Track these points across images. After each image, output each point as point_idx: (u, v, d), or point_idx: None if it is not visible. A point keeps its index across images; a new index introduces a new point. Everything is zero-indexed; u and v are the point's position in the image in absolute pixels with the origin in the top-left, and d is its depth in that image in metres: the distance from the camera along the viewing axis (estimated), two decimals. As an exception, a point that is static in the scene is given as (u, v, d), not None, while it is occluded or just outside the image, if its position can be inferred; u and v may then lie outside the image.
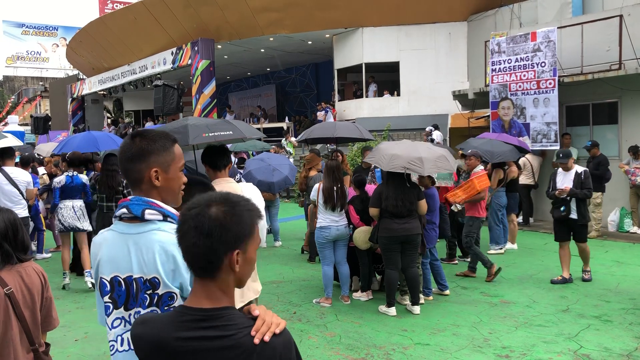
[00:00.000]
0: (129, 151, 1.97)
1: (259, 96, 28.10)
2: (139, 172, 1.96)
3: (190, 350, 1.43)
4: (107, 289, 1.93)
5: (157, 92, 17.56)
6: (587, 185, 7.00)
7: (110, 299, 1.93)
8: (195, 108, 19.10)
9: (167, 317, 1.51)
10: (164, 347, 1.45)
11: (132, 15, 21.05)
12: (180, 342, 1.44)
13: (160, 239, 1.87)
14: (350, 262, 6.75)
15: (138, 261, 1.88)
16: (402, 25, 17.68)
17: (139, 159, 1.95)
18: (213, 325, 1.44)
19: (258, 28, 18.56)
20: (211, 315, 1.45)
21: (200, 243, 1.43)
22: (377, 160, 6.16)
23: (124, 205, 1.93)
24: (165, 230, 1.90)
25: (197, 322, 1.45)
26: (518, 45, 11.57)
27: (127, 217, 1.91)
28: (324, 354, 5.06)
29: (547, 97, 11.12)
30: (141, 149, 1.96)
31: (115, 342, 1.95)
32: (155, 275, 1.86)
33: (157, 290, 1.87)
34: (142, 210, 1.90)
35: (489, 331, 5.54)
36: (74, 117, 28.43)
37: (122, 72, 23.91)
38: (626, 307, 6.15)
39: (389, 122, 15.96)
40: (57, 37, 48.11)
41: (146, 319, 1.56)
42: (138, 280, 1.88)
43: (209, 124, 4.20)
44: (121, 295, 1.91)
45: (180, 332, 1.45)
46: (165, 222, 1.92)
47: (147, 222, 1.91)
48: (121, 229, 1.93)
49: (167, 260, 1.85)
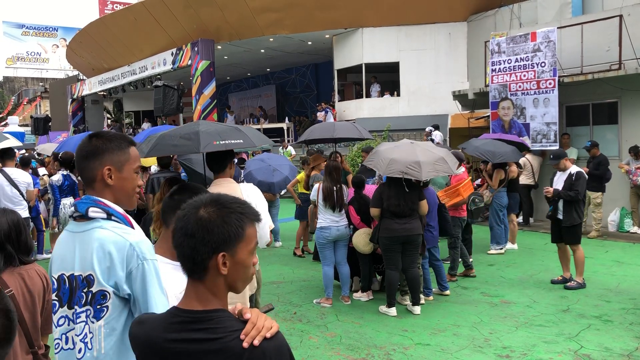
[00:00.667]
0: (84, 149, 2.02)
1: (259, 97, 28.10)
2: (92, 170, 1.99)
3: (178, 352, 1.42)
4: (54, 287, 1.97)
5: (157, 92, 17.57)
6: (576, 187, 6.86)
7: (56, 297, 1.95)
8: (195, 109, 19.10)
9: (160, 318, 1.51)
10: (154, 347, 1.46)
11: (132, 16, 21.06)
12: (169, 344, 1.43)
13: (99, 237, 1.88)
14: (351, 262, 6.75)
15: (79, 258, 1.91)
16: (402, 26, 17.68)
17: (93, 157, 1.99)
18: (202, 327, 1.42)
19: (258, 28, 18.57)
20: (200, 318, 1.44)
21: (185, 244, 1.44)
22: (375, 164, 6.15)
23: (73, 204, 1.99)
24: (106, 228, 1.90)
25: (186, 324, 1.44)
26: (518, 45, 11.57)
27: (77, 215, 1.94)
28: (324, 354, 5.06)
29: (547, 97, 11.13)
30: (96, 147, 2.00)
31: (60, 340, 1.95)
32: (91, 272, 1.88)
33: (91, 288, 1.87)
34: (87, 208, 1.92)
35: (489, 331, 5.54)
36: (74, 118, 28.43)
37: (122, 73, 23.91)
38: (626, 307, 6.15)
39: (389, 122, 15.96)
40: (57, 38, 48.12)
41: (143, 319, 1.56)
42: (77, 278, 1.91)
43: (220, 131, 4.17)
44: (65, 293, 1.93)
45: (169, 333, 1.44)
46: (109, 220, 1.93)
47: (91, 220, 1.93)
48: (72, 228, 1.97)
49: (104, 258, 1.86)
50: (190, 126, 4.38)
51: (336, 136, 8.44)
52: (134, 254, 1.86)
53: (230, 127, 4.44)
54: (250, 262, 1.52)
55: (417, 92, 17.61)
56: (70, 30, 39.87)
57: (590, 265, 7.69)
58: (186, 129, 4.29)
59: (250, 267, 1.53)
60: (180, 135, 4.11)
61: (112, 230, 1.90)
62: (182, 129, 4.34)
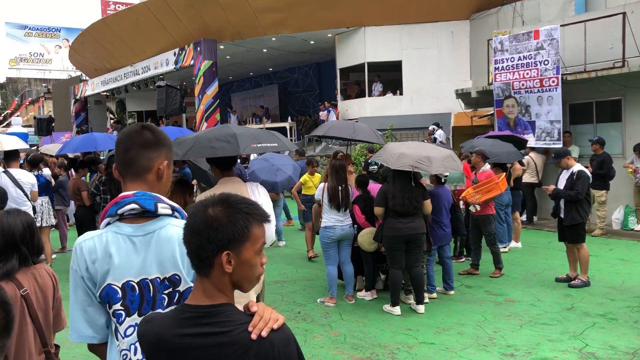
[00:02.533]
0: (141, 137, 1.90)
1: (262, 96, 28.11)
2: (150, 161, 1.90)
3: (188, 347, 1.45)
4: (118, 296, 1.82)
5: (160, 92, 17.58)
6: (577, 186, 6.81)
7: (122, 305, 1.82)
8: (198, 109, 19.12)
9: (169, 315, 1.53)
10: (163, 343, 1.47)
11: (135, 16, 21.09)
12: (179, 339, 1.46)
13: (176, 235, 1.82)
14: (355, 261, 6.75)
15: (155, 261, 1.81)
16: (405, 25, 17.66)
17: (153, 147, 1.90)
18: (210, 322, 1.45)
19: (260, 28, 18.57)
20: (209, 312, 1.47)
21: (192, 241, 1.48)
22: (384, 159, 6.17)
23: (129, 200, 1.81)
24: (177, 225, 1.84)
25: (195, 319, 1.46)
26: (521, 43, 11.55)
27: (134, 214, 1.82)
28: (328, 353, 5.07)
29: (551, 95, 11.10)
30: (157, 137, 1.92)
31: (128, 351, 1.84)
32: (176, 272, 1.82)
33: (178, 288, 1.83)
34: (155, 204, 1.83)
35: (493, 330, 5.54)
36: (77, 118, 28.49)
37: (124, 73, 23.95)
38: (631, 305, 6.14)
39: (392, 121, 15.95)
40: (60, 39, 48.17)
41: (151, 317, 1.58)
42: (154, 281, 1.82)
43: (255, 135, 4.21)
44: (134, 300, 1.82)
45: (178, 329, 1.47)
46: (172, 217, 1.88)
47: (157, 218, 1.84)
48: (129, 231, 1.83)
49: (184, 255, 1.78)
50: (222, 129, 4.31)
51: (356, 137, 8.29)
52: None
53: (262, 131, 4.50)
54: (257, 262, 1.53)
55: (420, 91, 17.59)
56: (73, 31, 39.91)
57: (595, 263, 7.68)
58: (219, 131, 4.21)
59: (257, 267, 1.54)
60: (216, 137, 4.01)
61: (179, 227, 1.83)
62: (215, 132, 4.24)
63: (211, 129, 4.72)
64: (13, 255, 2.64)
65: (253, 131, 4.34)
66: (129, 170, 1.90)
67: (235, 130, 4.14)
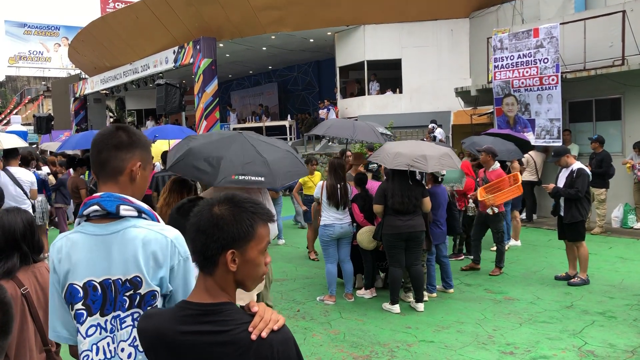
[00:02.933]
0: (115, 139, 1.89)
1: (261, 94, 28.10)
2: (123, 162, 1.88)
3: (188, 344, 1.46)
4: (79, 295, 1.80)
5: (160, 91, 17.59)
6: (576, 184, 6.81)
7: (83, 305, 1.81)
8: (198, 107, 19.11)
9: (169, 312, 1.54)
10: (164, 339, 1.48)
11: (134, 14, 21.07)
12: (180, 336, 1.47)
13: (138, 236, 1.81)
14: (354, 259, 6.76)
15: (118, 261, 1.79)
16: (404, 23, 17.65)
17: (126, 148, 1.89)
18: (211, 320, 1.46)
19: (260, 26, 18.56)
20: (210, 310, 1.47)
21: (197, 239, 1.49)
22: (381, 158, 6.18)
23: (93, 202, 1.81)
24: (141, 227, 1.83)
25: (197, 317, 1.47)
26: (520, 41, 11.54)
27: (98, 215, 1.81)
28: (328, 351, 5.07)
29: (550, 93, 11.10)
30: (131, 139, 1.91)
31: (89, 351, 1.82)
32: (137, 274, 1.80)
33: (139, 290, 1.81)
34: (117, 206, 1.81)
35: (493, 328, 5.54)
36: (77, 117, 28.46)
37: (124, 72, 23.93)
38: (630, 303, 6.15)
39: (392, 119, 15.95)
40: (59, 37, 48.11)
41: (151, 313, 1.59)
42: (116, 282, 1.80)
43: (246, 162, 3.79)
44: (96, 300, 1.80)
45: (180, 325, 1.48)
46: (139, 218, 1.86)
47: (120, 219, 1.83)
48: (92, 230, 1.83)
49: (148, 257, 1.80)
50: (223, 143, 3.96)
51: (356, 138, 8.24)
52: (176, 251, 1.83)
53: (258, 157, 3.91)
54: (261, 261, 1.55)
55: (420, 89, 17.59)
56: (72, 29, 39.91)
57: (594, 261, 7.68)
58: (213, 148, 3.88)
59: (261, 266, 1.55)
60: (206, 157, 3.81)
61: (149, 228, 1.84)
62: (210, 147, 3.92)
63: (217, 137, 4.26)
64: (14, 254, 2.64)
65: (249, 154, 3.91)
66: (102, 171, 1.90)
67: (225, 153, 3.82)
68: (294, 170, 4.01)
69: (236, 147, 3.93)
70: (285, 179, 3.97)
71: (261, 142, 4.12)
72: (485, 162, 7.80)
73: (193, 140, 4.14)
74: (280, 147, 4.19)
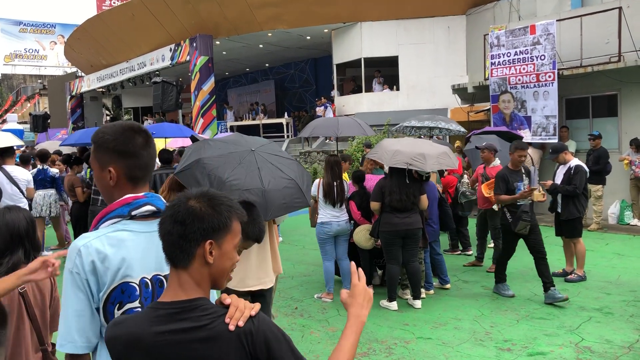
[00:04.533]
0: (150, 139, 1.94)
1: (258, 92, 28.04)
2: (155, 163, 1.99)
3: (166, 344, 1.44)
4: (137, 293, 1.80)
5: (156, 88, 17.53)
6: (574, 181, 6.82)
7: (139, 303, 1.80)
8: (194, 104, 19.08)
9: (142, 315, 1.52)
10: (139, 343, 1.45)
11: (130, 12, 20.99)
12: (156, 337, 1.45)
13: None
14: (351, 257, 6.76)
15: (159, 258, 1.79)
16: (401, 20, 17.63)
17: (155, 150, 1.99)
18: (188, 317, 1.45)
19: (256, 23, 18.51)
20: (185, 307, 1.47)
21: (174, 231, 1.48)
22: (379, 156, 6.18)
23: (143, 202, 1.83)
24: None
25: (172, 316, 1.46)
26: (517, 38, 11.55)
27: (147, 214, 1.83)
28: (326, 349, 5.07)
29: (547, 90, 11.11)
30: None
31: None
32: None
33: None
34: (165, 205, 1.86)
35: (490, 324, 5.55)
36: (73, 115, 28.38)
37: (120, 69, 23.86)
38: (627, 299, 6.17)
39: (389, 116, 15.94)
40: (55, 35, 47.98)
41: (120, 319, 1.56)
42: (167, 277, 1.81)
43: (244, 189, 3.74)
44: (148, 297, 1.82)
45: (155, 326, 1.45)
46: None
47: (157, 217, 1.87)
48: (140, 227, 1.83)
49: None
50: (231, 160, 3.87)
51: (340, 134, 8.32)
52: None
53: (260, 187, 3.83)
54: (235, 257, 1.56)
55: (417, 86, 17.57)
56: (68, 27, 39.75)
57: (591, 257, 7.70)
58: (222, 165, 3.80)
59: (234, 262, 1.56)
60: (209, 172, 3.75)
61: None
62: (221, 162, 3.84)
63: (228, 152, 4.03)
64: (19, 250, 2.64)
65: (250, 181, 3.83)
66: (147, 173, 1.92)
67: (228, 175, 3.76)
68: (291, 203, 3.92)
69: (241, 170, 3.86)
70: (278, 211, 3.87)
71: (269, 165, 4.01)
72: (486, 158, 7.83)
73: (207, 148, 4.04)
74: (287, 174, 4.04)
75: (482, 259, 7.91)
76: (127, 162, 1.86)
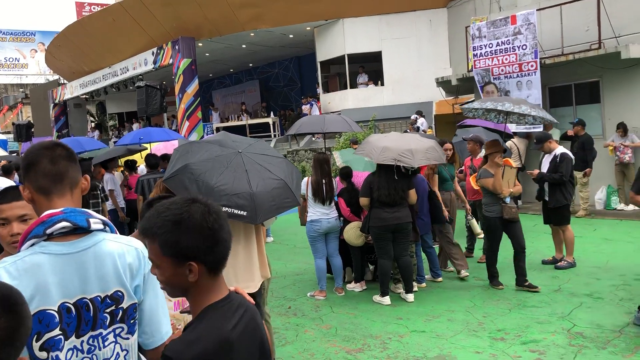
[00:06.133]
0: (63, 150, 1.82)
1: (243, 92, 27.96)
2: (77, 174, 1.84)
3: (240, 332, 1.56)
4: (55, 321, 1.66)
5: (140, 93, 17.41)
6: (560, 169, 6.90)
7: (60, 330, 1.67)
8: (179, 107, 18.99)
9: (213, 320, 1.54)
10: (228, 343, 1.52)
11: (110, 17, 20.83)
12: (232, 332, 1.54)
13: (113, 250, 1.77)
14: (343, 253, 6.77)
15: (94, 278, 1.72)
16: (383, 15, 17.67)
17: (75, 161, 1.85)
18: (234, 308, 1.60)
19: (238, 24, 18.46)
20: (233, 300, 1.61)
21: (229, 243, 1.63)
22: (367, 152, 6.18)
23: (58, 218, 1.67)
24: (111, 240, 1.79)
25: (230, 309, 1.58)
26: (498, 29, 11.61)
27: (64, 232, 1.69)
28: (320, 346, 5.08)
29: (530, 79, 11.19)
30: (72, 153, 1.87)
31: None
32: (119, 288, 1.76)
33: (121, 305, 1.77)
34: (87, 220, 1.72)
35: (483, 315, 5.59)
36: (57, 123, 28.14)
37: (103, 75, 23.69)
38: (616, 283, 6.23)
39: (374, 112, 15.96)
40: (35, 43, 47.40)
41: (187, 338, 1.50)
42: (94, 300, 1.72)
43: (233, 194, 3.70)
44: (71, 322, 1.69)
45: (227, 323, 1.55)
46: (104, 231, 1.80)
47: (88, 234, 1.74)
48: (58, 249, 1.69)
49: (125, 270, 1.77)
50: (219, 164, 3.83)
51: (326, 130, 8.41)
52: (144, 260, 1.82)
53: (248, 191, 3.79)
54: None
55: (401, 81, 17.62)
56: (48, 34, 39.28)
57: (580, 244, 7.77)
58: (209, 169, 3.77)
59: None
60: (196, 178, 3.71)
61: (118, 241, 1.80)
62: (209, 166, 3.81)
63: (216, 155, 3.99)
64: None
65: (238, 186, 3.78)
66: (58, 184, 1.77)
67: (215, 180, 3.72)
68: (280, 203, 3.89)
69: (228, 174, 3.83)
70: (268, 213, 3.85)
71: (257, 167, 3.98)
72: (472, 150, 7.87)
73: (194, 151, 3.98)
74: (275, 175, 4.00)
75: (472, 250, 7.96)
76: (30, 175, 1.77)
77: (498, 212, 6.41)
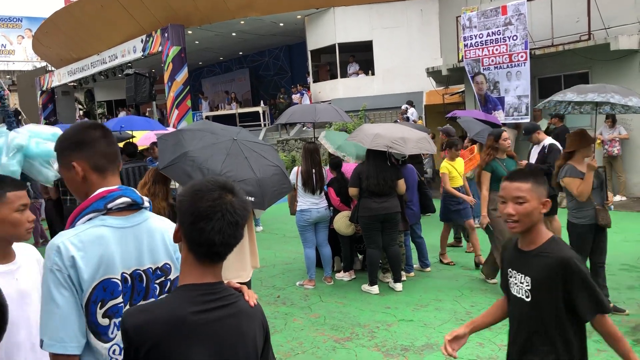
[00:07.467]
0: (112, 134, 1.98)
1: (233, 81, 27.77)
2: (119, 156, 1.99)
3: (206, 322, 1.56)
4: (119, 289, 1.78)
5: (129, 81, 17.20)
6: (549, 159, 6.91)
7: (122, 298, 1.80)
8: (169, 96, 18.85)
9: (175, 297, 1.60)
10: (183, 323, 1.53)
11: (99, 3, 20.55)
12: (195, 316, 1.55)
13: (160, 226, 1.92)
14: (332, 243, 6.79)
15: (147, 251, 1.85)
16: (374, 4, 17.59)
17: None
18: (218, 296, 1.60)
19: (228, 12, 18.29)
20: (212, 288, 1.60)
21: (238, 234, 1.62)
22: (359, 139, 6.19)
23: (118, 194, 1.80)
24: (157, 217, 1.96)
25: (203, 296, 1.58)
26: (489, 19, 11.61)
27: (122, 207, 1.81)
28: (309, 335, 5.10)
29: (520, 70, 11.21)
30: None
31: (118, 346, 1.79)
32: (167, 261, 1.91)
33: (169, 276, 1.91)
34: (141, 197, 1.88)
35: (470, 304, 5.63)
36: (45, 110, 27.83)
37: (91, 62, 23.42)
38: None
39: (365, 102, 15.95)
40: (22, 29, 46.77)
41: (142, 307, 1.62)
42: (147, 271, 1.85)
43: (239, 180, 3.68)
44: (126, 292, 1.80)
45: (193, 306, 1.55)
46: (146, 209, 1.94)
47: (139, 210, 1.89)
48: (117, 223, 1.80)
49: (170, 244, 1.90)
50: (218, 151, 3.82)
51: (318, 120, 8.43)
52: None
53: (254, 177, 3.80)
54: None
55: (392, 70, 17.59)
56: (36, 20, 38.74)
57: (566, 234, 7.82)
58: (210, 156, 3.77)
59: None
60: (199, 166, 3.69)
61: (160, 219, 1.97)
62: (208, 153, 3.79)
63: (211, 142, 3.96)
64: None
65: (242, 172, 3.78)
66: (113, 164, 1.91)
67: (220, 167, 3.69)
68: (280, 189, 3.97)
69: (231, 161, 3.83)
70: (273, 198, 3.89)
71: (254, 154, 3.98)
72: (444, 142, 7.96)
73: (187, 140, 3.93)
74: (270, 160, 4.05)
75: (460, 239, 8.01)
76: (86, 153, 1.86)
77: (591, 218, 5.39)
